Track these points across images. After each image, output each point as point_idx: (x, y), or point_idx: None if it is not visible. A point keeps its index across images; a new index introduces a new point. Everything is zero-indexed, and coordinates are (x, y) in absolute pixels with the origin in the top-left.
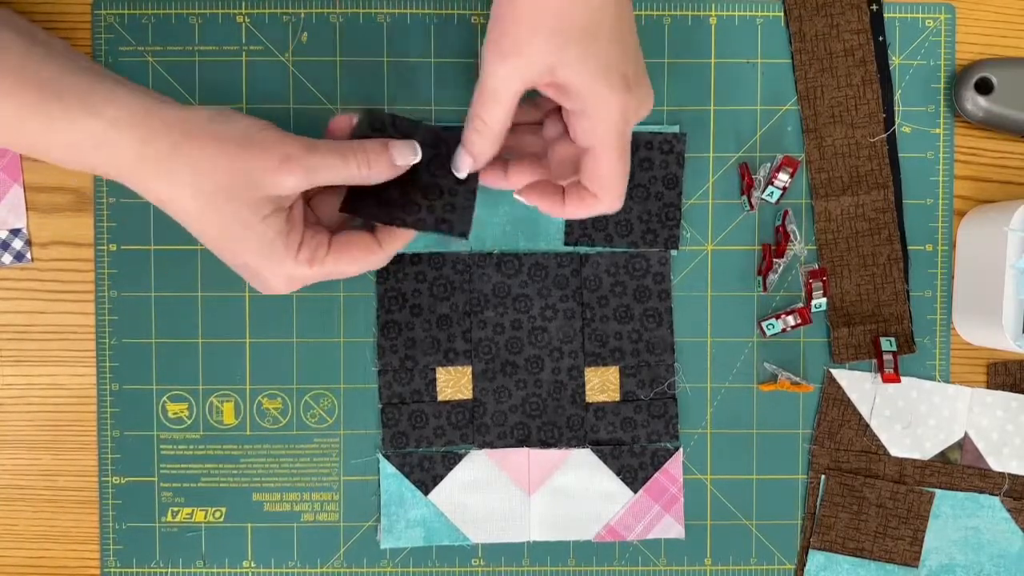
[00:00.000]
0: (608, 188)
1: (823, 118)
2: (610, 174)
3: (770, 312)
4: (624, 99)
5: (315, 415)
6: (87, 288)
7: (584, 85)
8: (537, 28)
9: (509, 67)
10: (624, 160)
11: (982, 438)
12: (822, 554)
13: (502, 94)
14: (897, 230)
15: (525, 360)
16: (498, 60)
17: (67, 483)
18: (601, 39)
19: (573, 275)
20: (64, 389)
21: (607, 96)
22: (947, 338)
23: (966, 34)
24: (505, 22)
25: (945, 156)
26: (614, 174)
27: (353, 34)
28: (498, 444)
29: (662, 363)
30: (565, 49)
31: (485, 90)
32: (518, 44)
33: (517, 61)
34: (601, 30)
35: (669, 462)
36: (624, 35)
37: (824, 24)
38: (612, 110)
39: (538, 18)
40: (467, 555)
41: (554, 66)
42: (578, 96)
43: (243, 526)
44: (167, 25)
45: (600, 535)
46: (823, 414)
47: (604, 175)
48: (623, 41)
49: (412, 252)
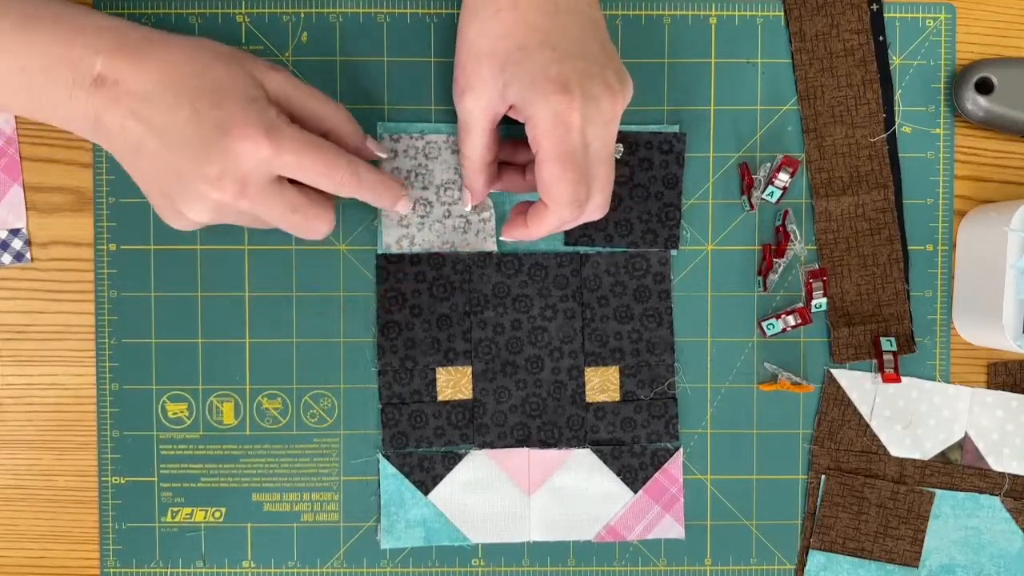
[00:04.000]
0: (552, 195)
1: (823, 118)
2: (551, 179)
3: (770, 312)
4: (559, 101)
5: (315, 415)
6: (87, 288)
7: (521, 97)
8: (480, 59)
9: (469, 100)
10: (566, 167)
11: (982, 438)
12: (822, 554)
13: (471, 126)
14: (897, 230)
15: (525, 360)
16: (459, 96)
17: (67, 483)
18: (533, 51)
19: (573, 275)
20: (64, 389)
21: (540, 103)
22: (947, 338)
23: (966, 34)
24: (460, 60)
25: (945, 156)
26: (556, 179)
27: (353, 34)
28: (498, 444)
29: (662, 363)
30: (505, 70)
31: (460, 126)
32: (470, 77)
33: (472, 94)
34: (533, 42)
35: (669, 462)
36: (561, 40)
37: (824, 24)
38: (547, 115)
39: (481, 50)
40: (467, 555)
41: (503, 89)
42: (521, 108)
43: (243, 526)
44: (167, 25)
45: (600, 535)
46: (823, 414)
47: (546, 180)
48: (559, 47)
49: (412, 252)
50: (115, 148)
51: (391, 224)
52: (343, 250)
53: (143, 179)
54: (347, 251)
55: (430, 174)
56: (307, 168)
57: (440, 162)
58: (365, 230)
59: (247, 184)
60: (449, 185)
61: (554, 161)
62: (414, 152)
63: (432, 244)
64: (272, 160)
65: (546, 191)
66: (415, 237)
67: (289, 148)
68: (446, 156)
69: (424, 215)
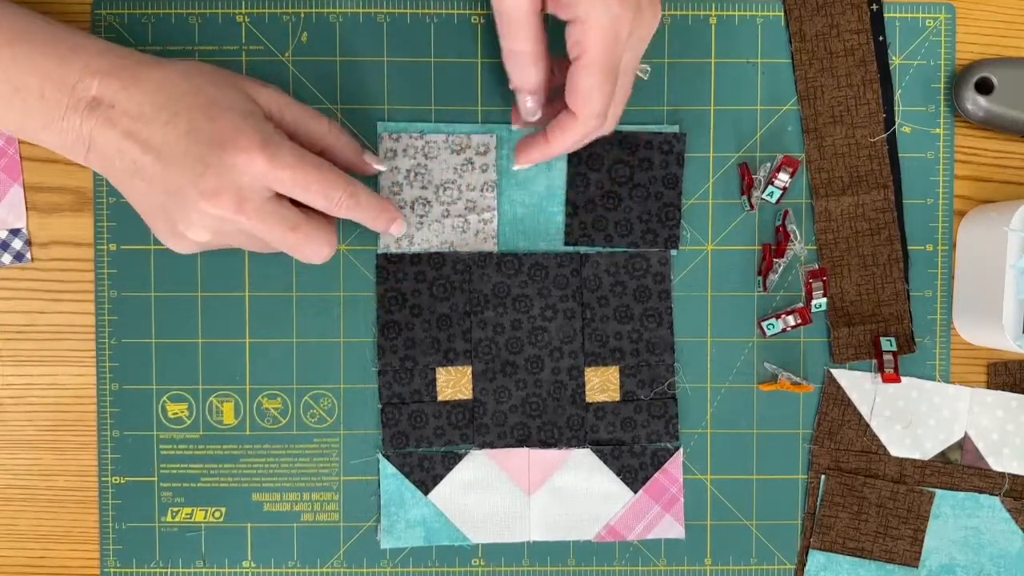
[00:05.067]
0: (585, 102)
1: (823, 118)
2: (589, 86)
3: (770, 312)
4: (616, 10)
5: (315, 415)
6: (87, 288)
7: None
8: None
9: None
10: (607, 76)
11: (982, 438)
12: (822, 554)
13: (516, 12)
14: (897, 230)
15: (525, 360)
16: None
17: (67, 483)
18: None
19: (573, 275)
20: (64, 389)
21: (599, 5)
22: (947, 338)
23: (966, 34)
24: None
25: (945, 156)
26: (594, 86)
27: (353, 34)
28: (498, 444)
29: (662, 363)
30: None
31: (503, 18)
32: None
33: None
34: None
35: (669, 462)
36: None
37: (824, 24)
38: (601, 16)
39: None
40: (467, 555)
41: None
42: (572, 6)
43: (243, 526)
44: (167, 25)
45: (600, 535)
46: (823, 414)
47: (583, 87)
48: None
49: (412, 252)
50: (111, 172)
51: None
52: (343, 250)
53: (141, 202)
54: (347, 251)
55: (429, 174)
56: (304, 185)
57: (439, 162)
58: (365, 230)
59: (245, 199)
60: (448, 185)
61: (598, 69)
62: (413, 152)
63: (431, 244)
64: (268, 174)
65: (580, 99)
66: (415, 237)
67: (286, 163)
68: (445, 156)
69: (423, 215)
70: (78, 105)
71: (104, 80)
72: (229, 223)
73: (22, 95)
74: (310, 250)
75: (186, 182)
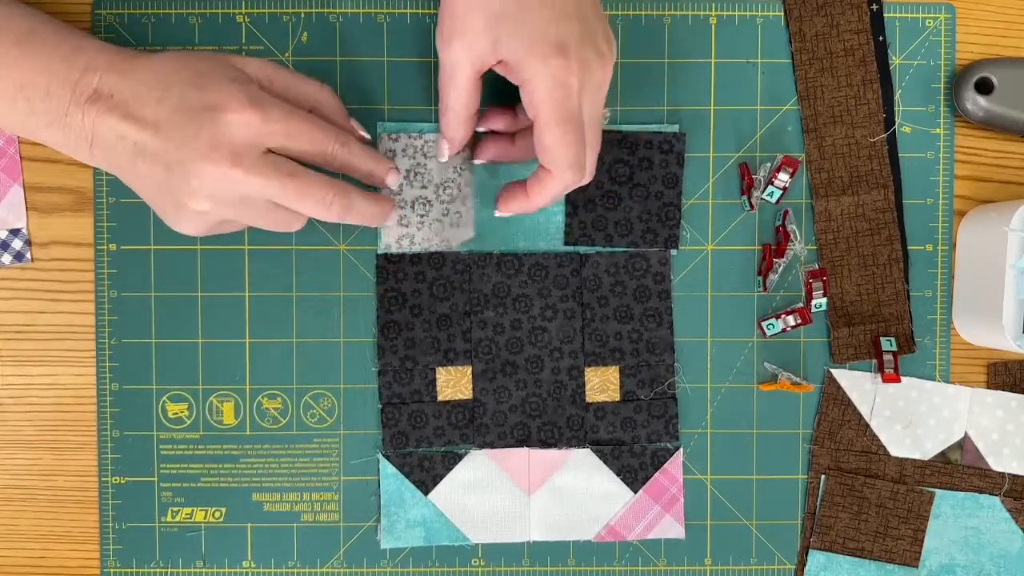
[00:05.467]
0: (555, 160)
1: (823, 118)
2: (554, 143)
3: (770, 312)
4: (558, 65)
5: (315, 415)
6: (87, 288)
7: (517, 57)
8: (473, 8)
9: (456, 49)
10: (566, 129)
11: (982, 438)
12: (822, 554)
13: (457, 76)
14: (897, 230)
15: (525, 360)
16: (446, 44)
17: (67, 483)
18: (532, 9)
19: (573, 275)
20: (64, 389)
21: (538, 65)
22: (947, 338)
23: (966, 34)
24: (449, 7)
25: (945, 156)
26: (558, 143)
27: (353, 34)
28: (498, 444)
29: (662, 363)
30: (500, 24)
31: (443, 75)
32: (459, 26)
33: (461, 42)
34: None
35: (669, 462)
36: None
37: (824, 24)
38: (545, 78)
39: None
40: (467, 555)
41: (495, 42)
42: (516, 69)
43: (243, 526)
44: (167, 25)
45: (600, 535)
46: (823, 414)
47: (548, 145)
48: (558, 7)
49: (412, 252)
50: (116, 162)
51: (391, 223)
52: (343, 250)
53: (145, 185)
54: (347, 251)
55: (429, 173)
56: (296, 136)
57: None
58: (365, 230)
59: (240, 155)
60: (448, 184)
61: (556, 125)
62: (413, 151)
63: (431, 243)
64: (261, 128)
65: (549, 156)
66: (415, 237)
67: (276, 116)
68: None
69: (423, 214)
70: (80, 100)
71: (104, 75)
72: (227, 185)
73: (27, 93)
74: (312, 201)
75: (183, 148)
